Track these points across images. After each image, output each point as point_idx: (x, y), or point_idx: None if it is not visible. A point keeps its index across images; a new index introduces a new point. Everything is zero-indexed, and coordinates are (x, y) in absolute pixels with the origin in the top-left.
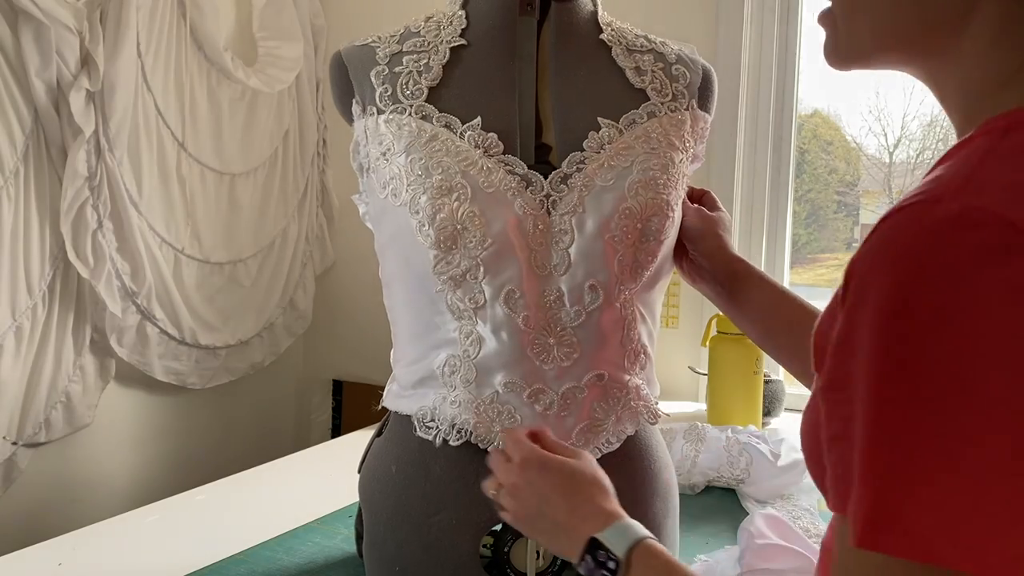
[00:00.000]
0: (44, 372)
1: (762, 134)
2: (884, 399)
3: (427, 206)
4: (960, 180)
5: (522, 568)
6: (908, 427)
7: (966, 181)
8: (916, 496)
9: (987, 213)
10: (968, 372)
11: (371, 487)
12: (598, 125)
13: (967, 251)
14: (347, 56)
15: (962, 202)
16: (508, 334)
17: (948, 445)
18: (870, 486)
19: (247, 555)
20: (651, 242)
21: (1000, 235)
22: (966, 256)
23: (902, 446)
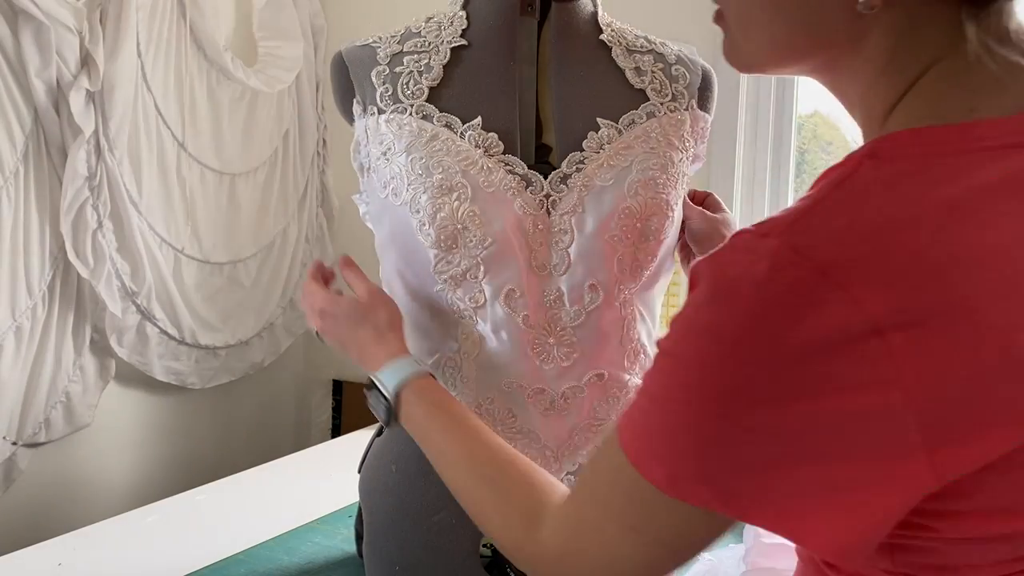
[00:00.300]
0: (44, 372)
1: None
2: (671, 363)
3: (427, 205)
4: (792, 217)
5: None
6: (671, 382)
7: (796, 219)
8: (647, 417)
9: (802, 256)
10: (717, 373)
11: (371, 487)
12: (597, 125)
13: (772, 290)
14: (348, 56)
15: (783, 240)
16: (508, 334)
17: (667, 397)
18: (637, 403)
19: (247, 555)
20: (651, 242)
21: (806, 280)
22: (769, 294)
23: (657, 402)
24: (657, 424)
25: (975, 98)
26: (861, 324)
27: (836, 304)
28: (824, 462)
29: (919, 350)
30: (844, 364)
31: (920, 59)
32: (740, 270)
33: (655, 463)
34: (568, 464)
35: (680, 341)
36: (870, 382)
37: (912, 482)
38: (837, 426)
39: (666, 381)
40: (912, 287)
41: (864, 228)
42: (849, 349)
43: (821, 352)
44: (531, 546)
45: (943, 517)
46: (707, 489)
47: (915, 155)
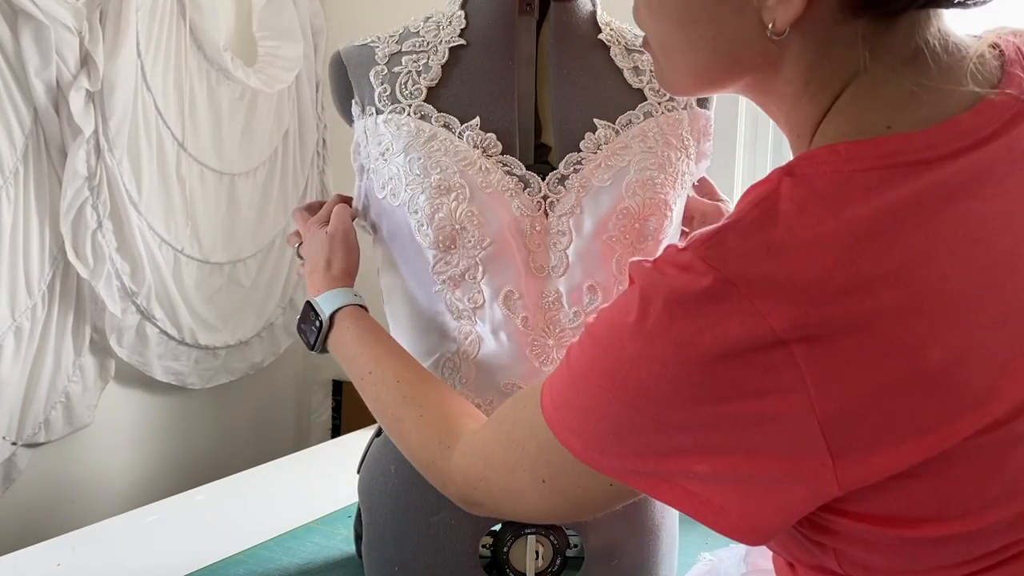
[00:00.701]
0: (44, 372)
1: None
2: (594, 349)
3: (425, 206)
4: (710, 233)
5: (521, 568)
6: (593, 366)
7: (712, 235)
8: (567, 389)
9: (711, 268)
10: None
11: (371, 487)
12: (595, 126)
13: (683, 298)
14: (346, 56)
15: (697, 253)
16: (507, 335)
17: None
18: (560, 371)
19: (247, 555)
20: (649, 242)
21: (714, 290)
22: (680, 301)
23: (576, 378)
24: (575, 399)
25: (891, 112)
26: (764, 336)
27: (741, 315)
28: (730, 455)
29: (822, 363)
30: (749, 371)
31: (838, 76)
32: (659, 278)
33: (570, 432)
34: None
35: (604, 329)
36: (774, 389)
37: (816, 480)
38: (743, 426)
39: (588, 363)
40: (815, 304)
41: (774, 246)
42: (753, 357)
43: (727, 358)
44: (443, 464)
45: (865, 520)
46: (617, 464)
47: (828, 172)
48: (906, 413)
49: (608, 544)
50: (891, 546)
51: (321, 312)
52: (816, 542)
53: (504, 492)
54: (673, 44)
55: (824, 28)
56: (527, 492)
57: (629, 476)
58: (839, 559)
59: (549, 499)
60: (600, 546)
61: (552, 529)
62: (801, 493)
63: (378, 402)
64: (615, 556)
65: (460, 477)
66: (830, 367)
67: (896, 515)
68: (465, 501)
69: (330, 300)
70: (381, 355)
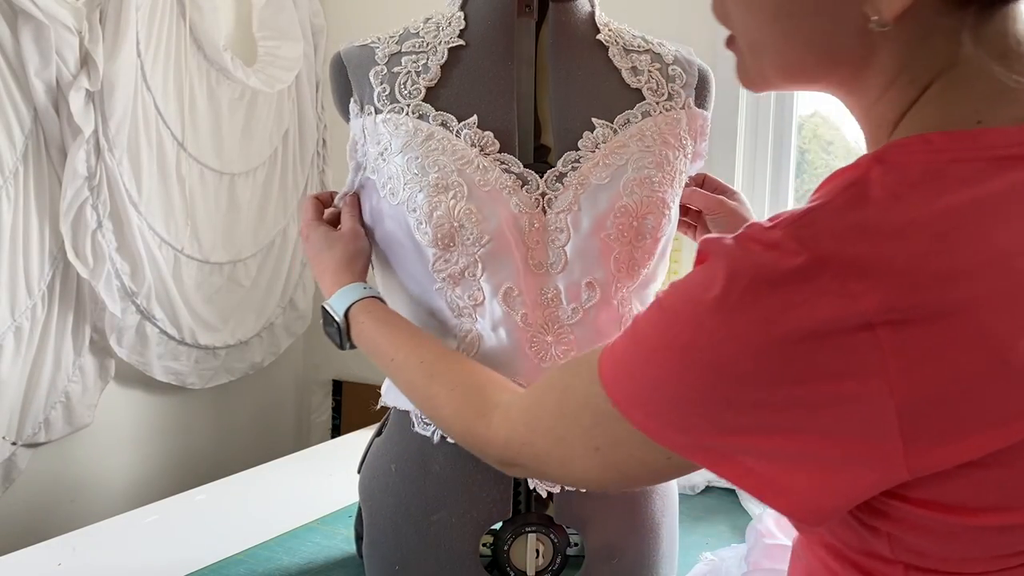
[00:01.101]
0: (44, 372)
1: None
2: (666, 319)
3: (424, 204)
4: (800, 213)
5: (522, 567)
6: (662, 337)
7: (803, 215)
8: (633, 359)
9: (803, 247)
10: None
11: (371, 486)
12: (593, 125)
13: (772, 275)
14: (346, 56)
15: (788, 232)
16: (507, 332)
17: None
18: (624, 341)
19: (247, 555)
20: (647, 240)
21: (805, 269)
22: (768, 279)
23: (644, 350)
24: (641, 370)
25: (982, 107)
26: (853, 317)
27: (831, 295)
28: (801, 435)
29: (907, 348)
30: (832, 353)
31: (929, 70)
32: (745, 254)
33: (633, 403)
34: None
35: (679, 303)
36: (855, 372)
37: (885, 465)
38: (817, 407)
39: (657, 334)
40: (907, 289)
41: (867, 229)
42: (838, 339)
43: (811, 339)
44: (482, 430)
45: (926, 506)
46: (681, 438)
47: (922, 161)
48: (985, 404)
49: (608, 543)
50: (949, 533)
51: (335, 313)
52: (870, 526)
53: (550, 457)
54: (765, 40)
55: (926, 19)
56: (576, 459)
57: (691, 451)
58: (892, 544)
59: (599, 468)
60: (600, 545)
61: (552, 528)
62: (868, 477)
63: (409, 385)
64: (615, 555)
65: (501, 441)
66: (915, 353)
67: (959, 503)
68: (505, 464)
69: (341, 299)
70: (399, 341)
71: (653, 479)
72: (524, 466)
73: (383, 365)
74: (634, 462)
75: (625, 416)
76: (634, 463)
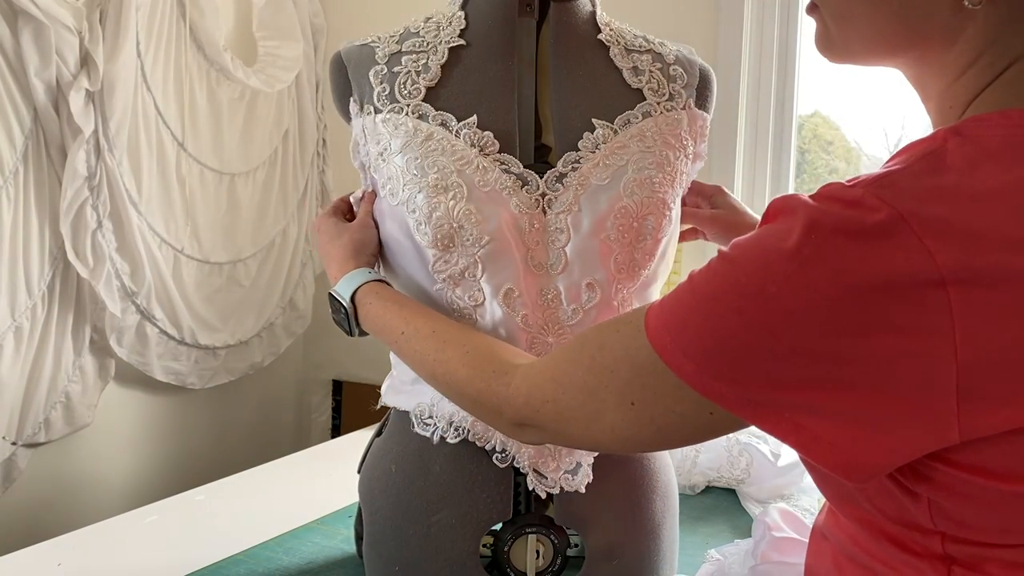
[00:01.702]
0: (44, 372)
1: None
2: (730, 269)
3: (423, 205)
4: (879, 175)
5: (522, 567)
6: (725, 285)
7: (883, 176)
8: (687, 310)
9: (884, 202)
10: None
11: (371, 487)
12: (593, 126)
13: (850, 226)
14: (347, 56)
15: (869, 190)
16: (507, 333)
17: (719, 299)
18: (675, 294)
19: (247, 555)
20: (647, 241)
21: (885, 223)
22: (846, 229)
23: (703, 300)
24: (698, 320)
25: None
26: (927, 272)
27: (908, 250)
28: (856, 391)
29: (976, 308)
30: (901, 306)
31: (1009, 53)
32: (822, 208)
33: (683, 354)
34: (566, 461)
35: (746, 253)
36: (921, 328)
37: (937, 424)
38: (878, 361)
39: (719, 283)
40: (982, 250)
41: (946, 191)
42: (910, 293)
43: (882, 290)
44: (499, 388)
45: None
46: (730, 390)
47: (1000, 135)
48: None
49: (609, 543)
50: (992, 501)
51: (342, 298)
52: (912, 493)
53: (576, 413)
54: (854, 10)
55: (1016, 2)
56: (606, 415)
57: (739, 404)
58: (932, 512)
59: (633, 423)
60: (601, 545)
61: (552, 528)
62: (918, 436)
63: (417, 355)
64: (616, 555)
65: (521, 399)
66: (983, 313)
67: (1005, 469)
68: (521, 424)
69: (347, 284)
70: (409, 315)
71: (690, 436)
72: (541, 427)
73: (393, 340)
74: (674, 417)
75: (672, 367)
76: (674, 418)
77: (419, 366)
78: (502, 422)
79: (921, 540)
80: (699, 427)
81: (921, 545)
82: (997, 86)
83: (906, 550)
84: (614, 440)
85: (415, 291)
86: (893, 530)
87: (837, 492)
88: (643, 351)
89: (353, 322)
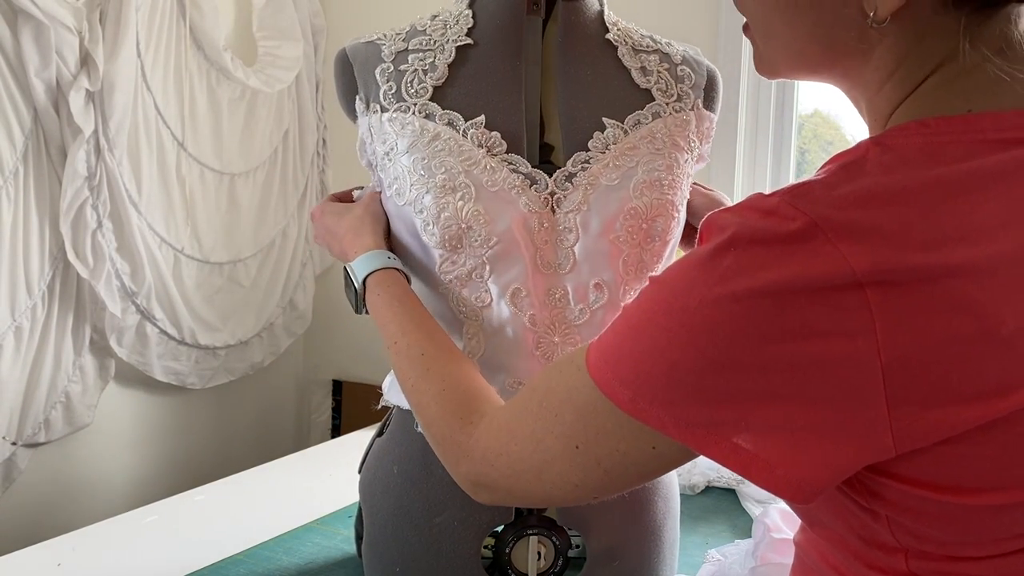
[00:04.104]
0: (44, 372)
1: (762, 134)
2: (658, 289)
3: (431, 205)
4: (797, 184)
5: (523, 569)
6: (654, 307)
7: (800, 185)
8: (622, 339)
9: (798, 211)
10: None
11: (372, 487)
12: (603, 125)
13: (766, 235)
14: (352, 53)
15: (785, 198)
16: (514, 332)
17: (649, 320)
18: (612, 327)
19: (247, 555)
20: (656, 243)
21: (799, 231)
22: (762, 239)
23: (635, 326)
24: (630, 345)
25: (973, 97)
26: (844, 276)
27: (823, 255)
28: (786, 403)
29: (894, 308)
30: (821, 310)
31: (927, 64)
32: (743, 221)
33: (620, 382)
34: None
35: (673, 273)
36: (842, 330)
37: (869, 433)
38: (804, 369)
39: (650, 306)
40: (895, 251)
41: (861, 197)
42: (828, 296)
43: (801, 295)
44: (462, 437)
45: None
46: (667, 414)
47: (919, 143)
48: (969, 372)
49: (610, 545)
50: (946, 515)
51: (355, 278)
52: (869, 510)
53: (527, 465)
54: (774, 28)
55: (923, 18)
56: (554, 463)
57: (677, 429)
58: (892, 529)
59: (580, 468)
60: (602, 547)
61: (554, 530)
62: (852, 447)
63: (403, 374)
64: (617, 557)
65: (478, 452)
66: (901, 314)
67: (953, 482)
68: (476, 482)
69: (363, 264)
70: (408, 327)
71: (637, 475)
72: (494, 485)
73: (387, 344)
74: (618, 455)
75: (609, 396)
76: (618, 456)
77: (400, 382)
78: (459, 474)
79: (885, 558)
80: (645, 464)
81: (886, 563)
82: (915, 97)
83: (873, 567)
84: (565, 489)
85: (421, 291)
86: (860, 549)
87: (805, 511)
88: (584, 389)
89: (361, 303)
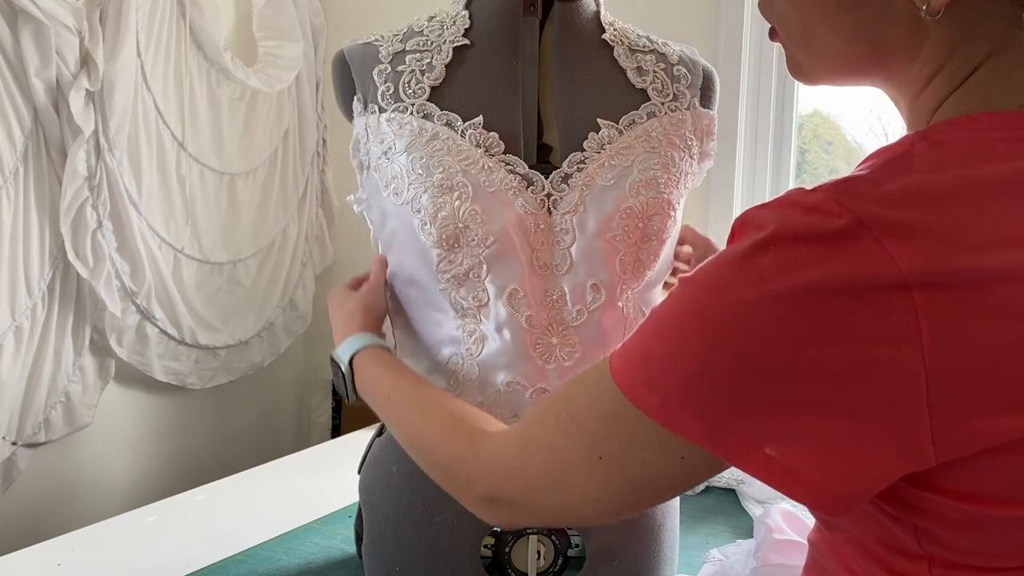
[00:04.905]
0: (44, 372)
1: (762, 134)
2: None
3: (428, 205)
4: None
5: (523, 568)
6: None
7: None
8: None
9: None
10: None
11: (372, 487)
12: (598, 126)
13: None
14: (350, 54)
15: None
16: (511, 333)
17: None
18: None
19: (247, 555)
20: (653, 241)
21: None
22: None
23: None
24: (659, 348)
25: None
26: (890, 277)
27: (869, 255)
28: (824, 410)
29: (942, 312)
30: (865, 312)
31: (976, 57)
32: (781, 216)
33: (648, 388)
34: None
35: (707, 273)
36: (886, 335)
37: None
38: (845, 375)
39: (681, 307)
40: (946, 253)
41: (909, 195)
42: (873, 298)
43: (845, 297)
44: (471, 457)
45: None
46: (697, 421)
47: (968, 139)
48: (1015, 381)
49: (610, 544)
50: (979, 526)
51: (340, 361)
52: (895, 517)
53: (544, 479)
54: (815, 33)
55: (975, 7)
56: (575, 476)
57: (708, 437)
58: (919, 538)
59: (603, 481)
60: (602, 546)
61: (554, 529)
62: (891, 457)
63: (399, 420)
64: (616, 556)
65: (489, 469)
66: (949, 318)
67: (990, 493)
68: (490, 498)
69: (346, 347)
70: (398, 380)
71: (666, 488)
72: (510, 500)
73: (380, 404)
74: (643, 465)
75: (635, 402)
76: (643, 466)
77: (400, 431)
78: (472, 495)
79: (907, 565)
80: (671, 475)
81: (907, 568)
82: (962, 91)
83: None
84: (585, 504)
85: (418, 292)
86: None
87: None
88: (607, 396)
89: (350, 386)
